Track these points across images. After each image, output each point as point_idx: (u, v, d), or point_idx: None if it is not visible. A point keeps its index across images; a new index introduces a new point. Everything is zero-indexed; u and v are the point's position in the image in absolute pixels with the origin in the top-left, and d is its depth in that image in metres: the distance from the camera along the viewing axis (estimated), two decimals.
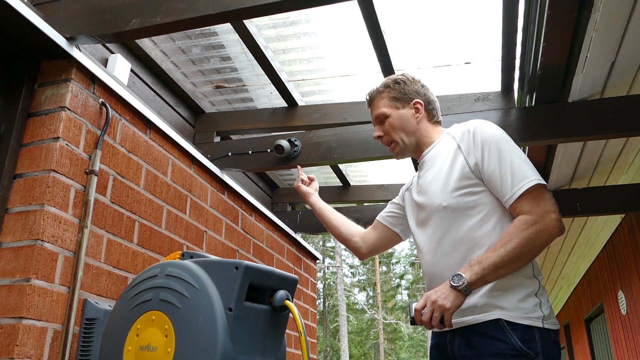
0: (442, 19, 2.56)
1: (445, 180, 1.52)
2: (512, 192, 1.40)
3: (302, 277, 4.00)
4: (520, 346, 1.33)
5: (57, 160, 1.71)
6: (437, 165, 1.59)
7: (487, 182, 1.47)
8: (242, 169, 2.94)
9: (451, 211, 1.49)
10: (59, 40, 1.77)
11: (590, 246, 5.35)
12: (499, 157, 1.45)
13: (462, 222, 1.47)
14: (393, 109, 1.70)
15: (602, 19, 2.02)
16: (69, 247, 1.71)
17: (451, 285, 1.34)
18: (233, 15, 1.78)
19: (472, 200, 1.47)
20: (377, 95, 1.74)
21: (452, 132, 1.64)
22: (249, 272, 1.39)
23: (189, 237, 2.44)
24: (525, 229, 1.36)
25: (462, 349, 1.42)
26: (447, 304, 1.33)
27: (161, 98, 2.89)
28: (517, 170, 1.42)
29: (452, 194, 1.49)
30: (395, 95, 1.70)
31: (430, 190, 1.57)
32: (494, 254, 1.35)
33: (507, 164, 1.43)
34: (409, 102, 1.70)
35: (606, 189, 3.63)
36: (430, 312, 1.35)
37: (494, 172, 1.45)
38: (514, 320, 1.36)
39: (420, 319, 1.37)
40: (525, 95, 2.63)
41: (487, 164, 1.46)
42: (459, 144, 1.54)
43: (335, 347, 24.03)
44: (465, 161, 1.50)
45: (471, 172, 1.48)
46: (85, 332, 1.70)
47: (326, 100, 3.16)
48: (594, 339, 6.32)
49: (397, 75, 1.77)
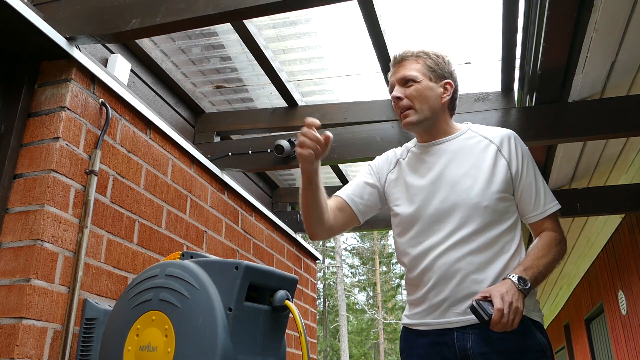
0: (442, 19, 2.56)
1: (487, 179, 1.49)
2: (544, 209, 1.51)
3: (302, 277, 4.00)
4: (543, 341, 1.41)
5: (57, 160, 1.71)
6: (469, 160, 1.53)
7: (521, 192, 1.52)
8: (242, 169, 2.94)
9: (491, 212, 1.47)
10: (59, 40, 1.77)
11: (590, 246, 5.35)
12: (535, 172, 1.54)
13: (497, 225, 1.48)
14: (425, 77, 1.57)
15: (602, 19, 2.02)
16: (69, 247, 1.71)
17: (518, 288, 1.33)
18: (233, 15, 1.77)
19: (507, 206, 1.51)
20: (411, 56, 1.60)
21: (479, 131, 1.59)
22: (249, 272, 1.39)
23: (189, 237, 2.44)
24: (556, 245, 1.47)
25: (479, 345, 1.40)
26: (521, 305, 1.31)
27: (161, 98, 2.89)
28: (548, 191, 1.54)
29: (494, 195, 1.48)
30: (431, 66, 1.58)
31: (465, 185, 1.49)
32: (540, 262, 1.41)
33: (541, 181, 1.53)
34: (441, 79, 1.59)
35: (606, 189, 3.63)
36: (508, 313, 1.28)
37: (530, 185, 1.51)
38: (533, 317, 1.44)
39: (500, 319, 1.27)
40: (525, 95, 2.63)
41: (526, 175, 1.52)
42: (499, 148, 1.53)
43: (335, 347, 24.03)
44: (507, 166, 1.51)
45: (511, 179, 1.51)
46: (85, 332, 1.70)
47: (326, 100, 3.16)
48: (594, 339, 6.32)
49: (435, 50, 1.64)
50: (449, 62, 1.63)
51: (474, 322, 1.40)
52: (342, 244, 23.11)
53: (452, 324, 1.45)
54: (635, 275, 4.22)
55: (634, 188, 3.41)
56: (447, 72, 1.60)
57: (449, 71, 1.61)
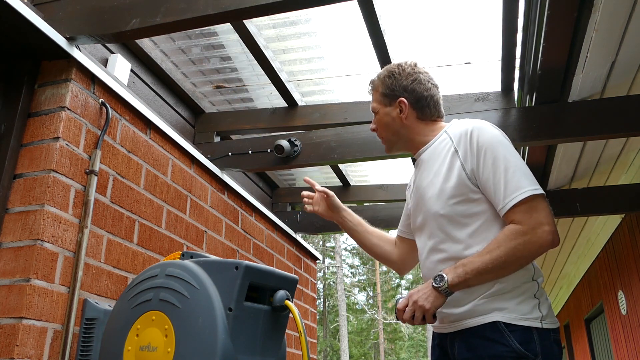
0: (442, 19, 2.56)
1: (441, 186, 1.47)
2: (505, 203, 1.36)
3: (302, 277, 4.00)
4: (518, 348, 1.32)
5: (57, 160, 1.71)
6: (434, 168, 1.53)
7: (482, 190, 1.42)
8: (242, 169, 2.94)
9: (448, 219, 1.45)
10: (59, 40, 1.77)
11: (590, 246, 5.35)
12: (493, 164, 1.40)
13: (461, 229, 1.44)
14: (381, 105, 1.64)
15: (602, 19, 2.02)
16: (69, 247, 1.71)
17: (433, 286, 1.36)
18: (233, 15, 1.77)
19: (468, 209, 1.43)
20: (372, 88, 1.69)
21: (449, 131, 1.55)
22: (249, 272, 1.39)
23: (189, 237, 2.44)
24: (513, 239, 1.34)
25: (462, 351, 1.42)
26: (427, 304, 1.36)
27: (161, 98, 2.89)
28: (511, 180, 1.37)
29: (449, 202, 1.44)
30: (383, 92, 1.63)
31: (427, 195, 1.51)
32: (479, 259, 1.35)
33: (501, 172, 1.38)
34: (395, 100, 1.60)
35: (606, 189, 3.63)
36: (411, 311, 1.38)
37: (487, 180, 1.40)
38: (513, 322, 1.35)
39: (402, 317, 1.41)
40: (525, 95, 2.63)
41: (482, 170, 1.41)
42: (456, 147, 1.47)
43: (335, 347, 24.03)
44: (462, 167, 1.44)
45: (468, 179, 1.43)
46: (85, 332, 1.70)
47: (326, 100, 3.16)
48: (594, 339, 6.32)
49: (395, 65, 1.65)
50: (408, 73, 1.60)
51: (458, 328, 1.43)
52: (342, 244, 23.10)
53: (445, 329, 1.49)
54: (635, 275, 4.22)
55: (634, 188, 3.41)
56: (400, 89, 1.59)
57: (402, 87, 1.59)
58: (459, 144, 1.47)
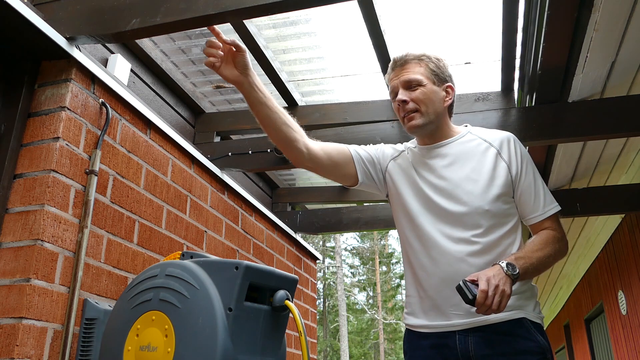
0: (442, 19, 2.56)
1: (487, 183, 1.52)
2: (544, 210, 1.52)
3: (302, 277, 4.00)
4: (544, 343, 1.42)
5: (57, 160, 1.71)
6: (470, 163, 1.55)
7: (520, 194, 1.54)
8: (242, 169, 2.94)
9: (492, 215, 1.49)
10: (59, 40, 1.77)
11: (590, 246, 5.35)
12: (534, 174, 1.56)
13: (498, 228, 1.50)
14: (429, 81, 1.58)
15: (602, 19, 2.02)
16: (69, 247, 1.71)
17: (506, 273, 1.32)
18: (233, 15, 1.77)
19: (507, 209, 1.53)
20: (414, 59, 1.60)
21: (478, 134, 1.62)
22: (249, 272, 1.39)
23: (189, 237, 2.44)
24: (556, 242, 1.49)
25: (481, 348, 1.41)
26: (508, 289, 1.30)
27: (161, 98, 2.89)
28: (548, 192, 1.56)
29: (496, 199, 1.50)
30: (434, 69, 1.59)
31: (466, 189, 1.52)
32: (534, 255, 1.43)
33: (540, 184, 1.55)
34: (443, 83, 1.60)
35: (606, 189, 3.63)
36: (493, 295, 1.27)
37: (529, 187, 1.53)
38: (533, 319, 1.46)
39: (484, 301, 1.27)
40: (525, 95, 2.63)
41: (525, 177, 1.54)
42: (499, 150, 1.56)
43: (335, 347, 24.02)
44: (507, 169, 1.54)
45: (511, 182, 1.54)
46: (85, 332, 1.70)
47: (326, 100, 3.16)
48: (594, 339, 6.31)
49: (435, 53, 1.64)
50: (447, 65, 1.66)
51: (476, 324, 1.42)
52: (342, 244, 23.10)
53: (454, 327, 1.45)
54: (635, 275, 4.23)
55: (634, 188, 3.41)
56: (448, 76, 1.64)
57: (449, 74, 1.65)
58: (502, 148, 1.57)
